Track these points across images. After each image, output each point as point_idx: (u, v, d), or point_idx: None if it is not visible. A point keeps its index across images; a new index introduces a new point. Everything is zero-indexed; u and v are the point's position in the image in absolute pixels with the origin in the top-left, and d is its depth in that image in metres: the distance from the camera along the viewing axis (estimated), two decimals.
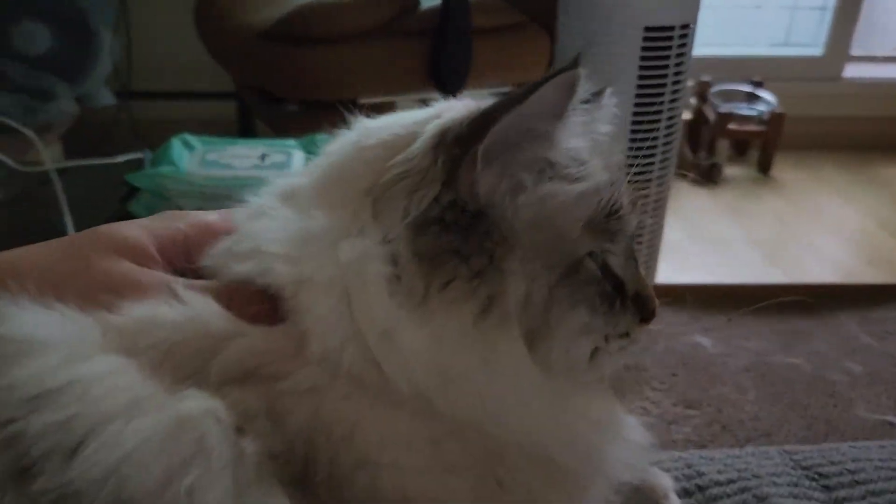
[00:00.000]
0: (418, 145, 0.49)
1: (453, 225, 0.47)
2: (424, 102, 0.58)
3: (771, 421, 1.09)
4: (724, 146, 2.49)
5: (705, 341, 1.24)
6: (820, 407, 1.12)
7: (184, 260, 0.51)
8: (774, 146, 2.50)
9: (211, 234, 0.51)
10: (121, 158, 1.65)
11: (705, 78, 2.54)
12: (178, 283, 0.47)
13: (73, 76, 2.52)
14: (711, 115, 2.47)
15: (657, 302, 0.59)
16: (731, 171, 2.53)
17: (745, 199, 2.43)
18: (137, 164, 1.67)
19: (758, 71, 2.58)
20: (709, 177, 2.47)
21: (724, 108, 2.47)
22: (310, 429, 0.43)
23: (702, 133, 2.51)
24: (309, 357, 0.44)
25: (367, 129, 0.54)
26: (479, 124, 0.47)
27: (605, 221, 0.51)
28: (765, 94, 2.51)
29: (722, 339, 1.25)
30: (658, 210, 1.43)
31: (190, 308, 0.45)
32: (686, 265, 2.07)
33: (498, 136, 0.47)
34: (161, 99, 2.62)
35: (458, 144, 0.47)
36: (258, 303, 0.46)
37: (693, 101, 2.54)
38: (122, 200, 1.59)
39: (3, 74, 2.39)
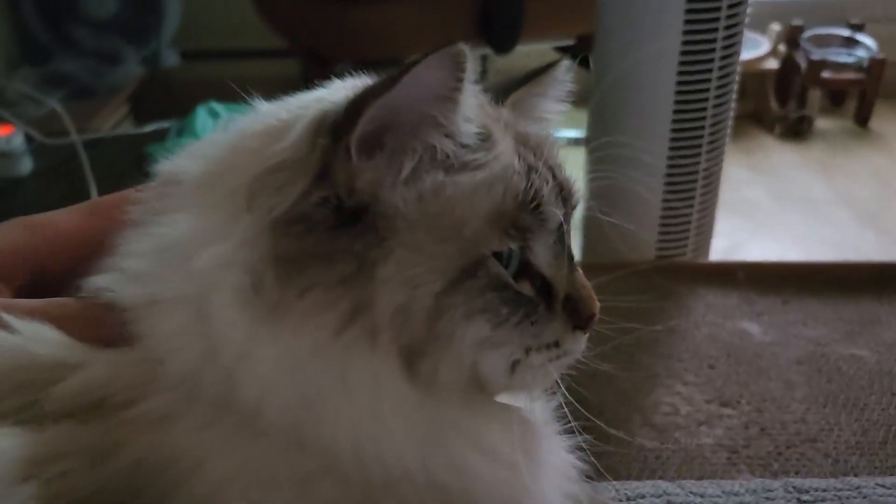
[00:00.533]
0: (294, 133, 0.44)
1: (320, 224, 0.42)
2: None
3: (819, 424, 0.96)
4: (816, 97, 2.31)
5: (754, 328, 1.11)
6: (880, 409, 0.98)
7: (29, 275, 0.47)
8: (874, 96, 2.28)
9: (65, 241, 0.48)
10: (148, 128, 1.64)
11: (797, 22, 2.34)
12: (11, 305, 0.43)
13: (139, 38, 2.55)
14: (803, 63, 2.28)
15: (597, 305, 0.51)
16: (823, 124, 2.35)
17: (838, 154, 2.24)
18: (163, 135, 1.65)
19: (856, 13, 2.36)
20: (798, 131, 2.31)
21: (818, 54, 2.27)
22: (145, 463, 0.39)
23: (792, 83, 2.33)
24: (163, 383, 0.41)
25: (255, 114, 0.48)
26: (351, 110, 0.42)
27: (518, 214, 0.45)
28: (864, 39, 2.30)
29: (774, 326, 1.11)
30: (710, 179, 1.29)
31: (17, 336, 0.41)
32: (767, 228, 1.92)
33: (373, 124, 0.42)
34: (226, 58, 2.62)
35: (332, 132, 0.43)
36: (106, 325, 0.42)
37: (782, 47, 2.36)
38: (146, 173, 1.57)
39: (71, 39, 2.43)
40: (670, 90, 1.21)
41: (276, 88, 0.51)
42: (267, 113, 0.48)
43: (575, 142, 1.68)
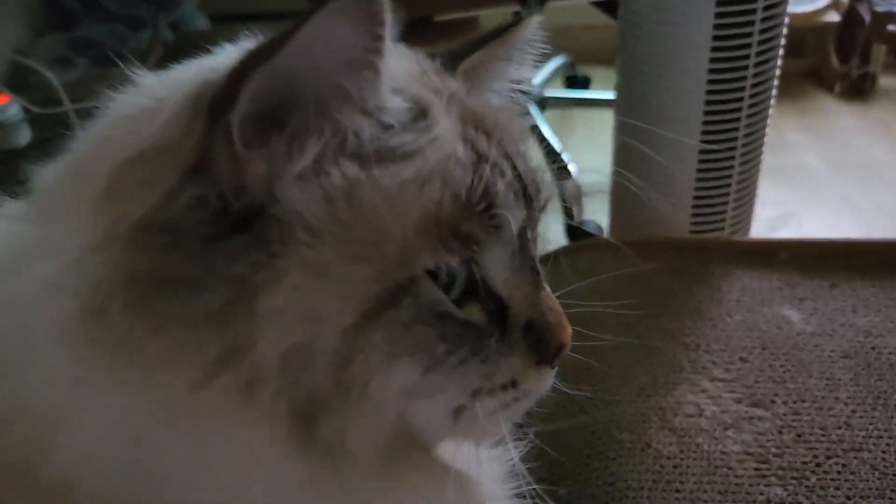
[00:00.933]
0: (165, 113, 0.35)
1: (191, 235, 0.33)
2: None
3: (866, 430, 0.84)
4: (880, 52, 2.17)
5: (795, 315, 0.98)
6: None
7: None
8: None
9: None
10: None
11: None
12: None
13: (166, 2, 2.51)
14: (867, 16, 2.12)
15: (568, 334, 0.42)
16: (887, 82, 2.22)
17: None
18: None
19: None
20: (860, 89, 2.17)
21: (883, 6, 2.12)
22: None
23: (854, 37, 2.17)
24: None
25: (131, 92, 0.39)
26: (232, 81, 0.33)
27: (461, 219, 0.36)
28: None
29: (818, 313, 0.98)
30: (752, 144, 1.16)
31: None
32: (821, 197, 1.77)
33: (263, 99, 0.33)
34: (254, 21, 2.53)
35: (210, 111, 0.33)
36: None
37: None
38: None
39: (97, 4, 2.39)
40: (705, 42, 1.08)
41: None
42: (145, 89, 0.38)
43: (605, 103, 1.56)
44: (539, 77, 2.04)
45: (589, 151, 1.80)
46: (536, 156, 0.44)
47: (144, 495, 0.32)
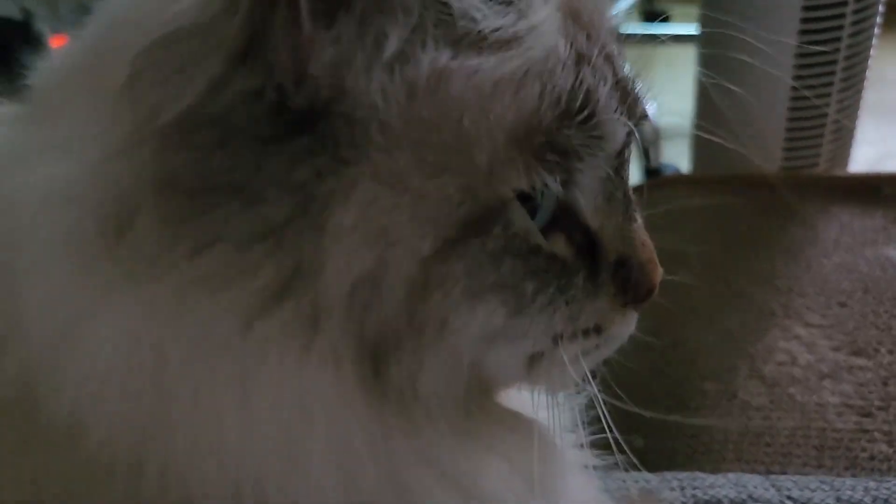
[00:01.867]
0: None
1: (241, 134, 0.27)
2: None
3: None
4: None
5: None
6: None
7: None
8: None
9: None
10: None
11: None
12: None
13: None
14: None
15: (659, 274, 0.37)
16: None
17: None
18: None
19: None
20: None
21: None
22: None
23: None
24: None
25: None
26: None
27: (561, 129, 0.30)
28: None
29: None
30: (852, 74, 1.04)
31: None
32: None
33: None
34: None
35: None
36: None
37: None
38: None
39: None
40: None
41: None
42: None
43: (682, 39, 1.45)
44: (613, 11, 1.93)
45: (667, 91, 1.70)
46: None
47: (170, 447, 0.27)
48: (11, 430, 0.28)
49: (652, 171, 1.63)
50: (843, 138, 1.09)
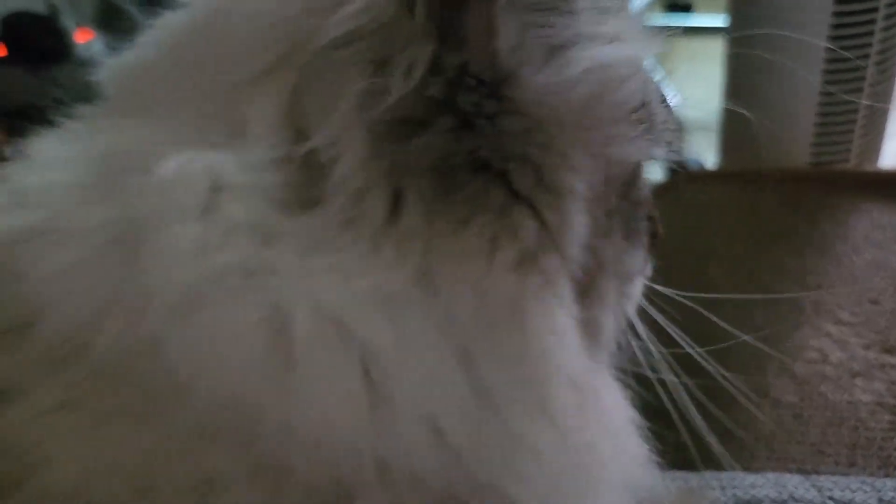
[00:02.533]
0: None
1: (471, 115, 0.30)
2: None
3: None
4: None
5: None
6: None
7: None
8: None
9: None
10: None
11: None
12: None
13: None
14: None
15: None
16: None
17: None
18: None
19: None
20: None
21: None
22: None
23: None
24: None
25: None
26: None
27: (647, 106, 0.36)
28: None
29: None
30: (885, 65, 1.03)
31: None
32: None
33: None
34: None
35: None
36: None
37: None
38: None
39: None
40: None
41: None
42: None
43: (712, 31, 1.44)
44: (636, 2, 1.92)
45: (691, 84, 1.68)
46: None
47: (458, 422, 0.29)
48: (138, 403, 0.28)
49: (675, 165, 1.61)
50: (875, 133, 1.08)
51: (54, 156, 0.32)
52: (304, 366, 0.27)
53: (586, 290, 0.34)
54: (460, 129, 0.30)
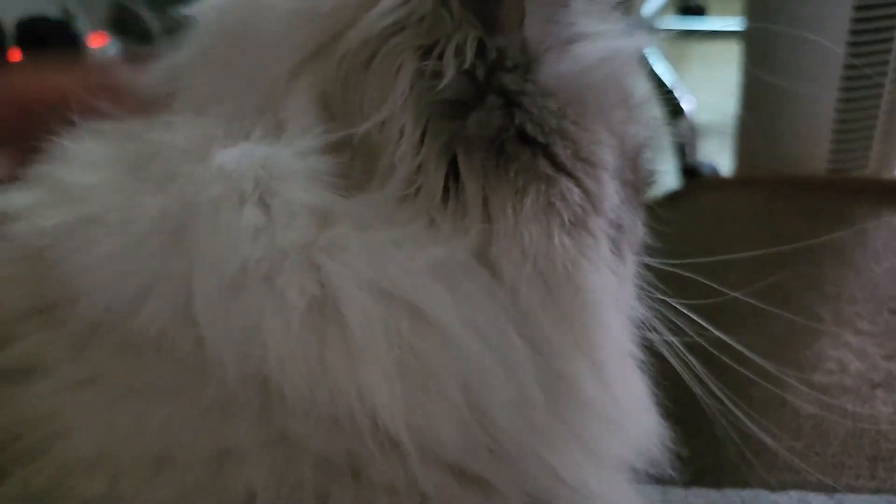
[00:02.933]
0: None
1: (506, 90, 0.33)
2: None
3: None
4: None
5: None
6: None
7: None
8: None
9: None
10: None
11: None
12: None
13: None
14: None
15: None
16: None
17: None
18: None
19: None
20: None
21: None
22: None
23: None
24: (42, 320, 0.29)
25: None
26: None
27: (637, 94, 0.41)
28: None
29: None
30: None
31: None
32: None
33: None
34: None
35: None
36: None
37: None
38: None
39: None
40: None
41: None
42: None
43: (728, 35, 1.44)
44: (649, 5, 1.92)
45: (704, 88, 1.67)
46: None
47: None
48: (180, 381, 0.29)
49: (688, 170, 1.60)
50: (893, 139, 1.06)
51: (96, 153, 0.33)
52: (349, 339, 0.28)
53: (615, 250, 0.37)
54: (507, 106, 0.32)
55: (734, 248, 0.96)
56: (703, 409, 0.76)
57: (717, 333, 0.52)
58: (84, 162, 0.33)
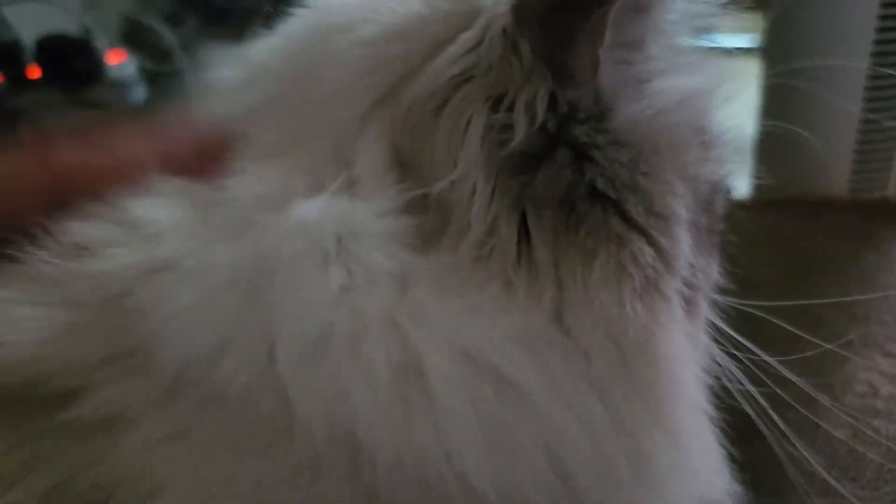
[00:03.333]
0: (476, 30, 0.32)
1: (577, 144, 0.32)
2: None
3: None
4: None
5: None
6: None
7: None
8: None
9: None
10: None
11: None
12: None
13: None
14: None
15: None
16: None
17: None
18: None
19: None
20: None
21: None
22: (76, 484, 0.27)
23: None
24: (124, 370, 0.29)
25: (332, 14, 0.36)
26: None
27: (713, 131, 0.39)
28: None
29: None
30: None
31: None
32: None
33: None
34: None
35: (566, 10, 0.31)
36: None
37: None
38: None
39: None
40: None
41: None
42: (355, 10, 0.35)
43: (746, 52, 1.44)
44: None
45: (723, 106, 1.67)
46: None
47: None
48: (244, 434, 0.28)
49: None
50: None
51: (167, 190, 0.33)
52: (435, 404, 0.28)
53: (689, 308, 0.35)
54: (577, 160, 0.31)
55: (760, 271, 0.96)
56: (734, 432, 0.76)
57: (766, 357, 0.52)
58: (154, 198, 0.33)
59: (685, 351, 0.34)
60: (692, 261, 0.35)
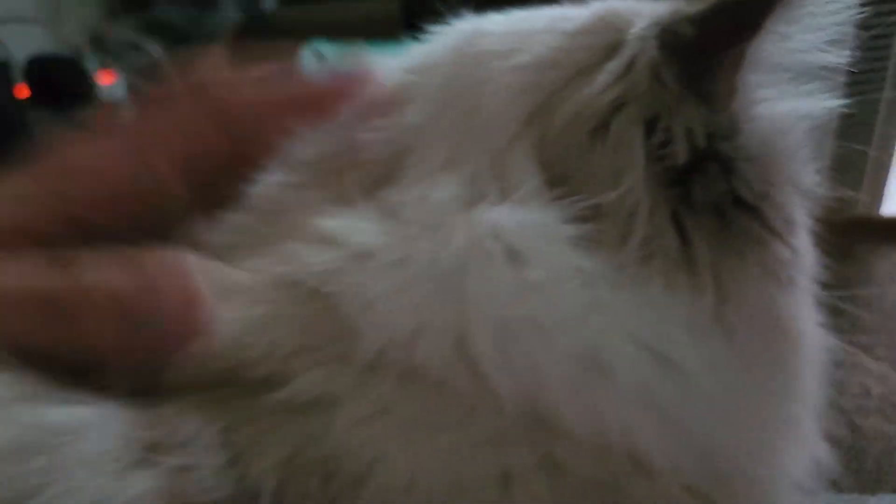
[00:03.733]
0: (622, 60, 0.36)
1: (724, 157, 0.35)
2: None
3: None
4: None
5: None
6: None
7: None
8: None
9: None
10: None
11: None
12: None
13: None
14: None
15: None
16: None
17: None
18: None
19: None
20: None
21: None
22: (297, 464, 0.29)
23: None
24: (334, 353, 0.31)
25: (483, 40, 0.39)
26: (757, 6, 0.34)
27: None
28: None
29: None
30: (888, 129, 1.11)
31: None
32: None
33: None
34: (325, 0, 2.52)
35: (713, 44, 0.34)
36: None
37: None
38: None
39: None
40: None
41: (374, 30, 0.40)
42: (508, 37, 0.38)
43: None
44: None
45: None
46: None
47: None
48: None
49: None
50: (880, 179, 1.16)
51: (346, 191, 0.36)
52: (615, 385, 0.31)
53: (813, 299, 0.39)
54: (724, 172, 0.35)
55: None
56: None
57: None
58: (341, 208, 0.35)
59: (817, 334, 0.39)
60: (812, 259, 0.39)
